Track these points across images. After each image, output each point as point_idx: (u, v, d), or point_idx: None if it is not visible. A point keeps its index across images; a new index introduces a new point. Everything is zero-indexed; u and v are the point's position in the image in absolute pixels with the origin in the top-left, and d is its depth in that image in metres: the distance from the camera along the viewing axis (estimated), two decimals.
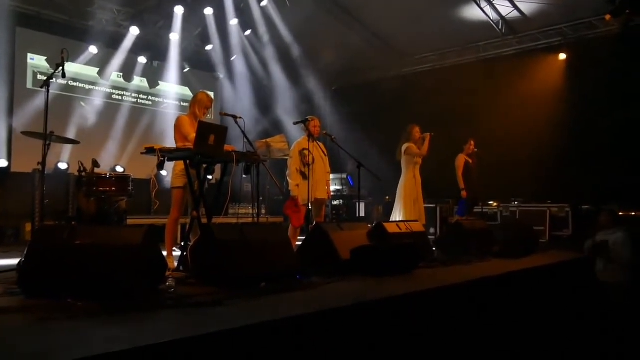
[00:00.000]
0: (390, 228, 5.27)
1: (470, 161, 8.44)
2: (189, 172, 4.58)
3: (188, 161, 4.47)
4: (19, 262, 3.30)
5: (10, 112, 8.51)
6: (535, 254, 6.11)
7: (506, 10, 10.02)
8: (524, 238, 6.31)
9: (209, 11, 9.31)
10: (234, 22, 9.62)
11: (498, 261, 5.46)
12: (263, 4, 9.45)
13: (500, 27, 10.43)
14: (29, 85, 8.91)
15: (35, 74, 8.97)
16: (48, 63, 8.92)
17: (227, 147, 4.64)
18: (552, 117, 9.52)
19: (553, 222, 9.14)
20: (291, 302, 3.16)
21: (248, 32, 10.10)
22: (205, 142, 4.33)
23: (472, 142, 8.50)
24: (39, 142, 4.58)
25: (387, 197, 10.25)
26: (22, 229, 7.94)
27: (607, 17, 8.70)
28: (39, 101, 8.04)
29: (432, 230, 9.22)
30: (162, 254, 3.52)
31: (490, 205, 9.85)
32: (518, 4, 9.80)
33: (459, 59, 11.49)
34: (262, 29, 10.06)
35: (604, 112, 8.94)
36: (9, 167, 8.43)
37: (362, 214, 10.51)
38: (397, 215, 7.05)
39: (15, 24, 8.53)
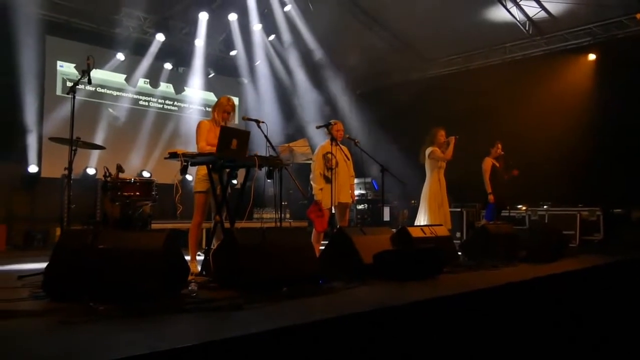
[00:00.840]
0: (414, 232, 5.23)
1: (498, 164, 8.31)
2: (211, 177, 4.60)
3: (210, 166, 4.50)
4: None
5: (41, 118, 8.70)
6: (564, 258, 5.98)
7: (533, 10, 9.86)
8: (552, 242, 6.18)
9: (233, 17, 9.39)
10: (257, 27, 9.68)
11: (525, 266, 5.36)
12: (286, 9, 9.49)
13: (527, 28, 10.27)
14: (59, 92, 9.09)
15: (64, 81, 9.16)
16: (77, 70, 9.09)
17: None
18: (581, 119, 9.32)
19: (583, 226, 8.93)
20: (312, 307, 3.14)
21: (272, 37, 10.15)
22: (228, 147, 4.35)
23: (500, 145, 8.37)
24: (67, 148, 4.66)
25: (413, 201, 10.16)
26: (52, 233, 8.10)
27: (638, 15, 8.50)
28: (68, 107, 8.15)
29: (458, 234, 9.10)
30: (184, 258, 3.54)
31: (519, 209, 9.68)
32: (545, 4, 9.64)
33: (484, 60, 11.34)
34: (285, 34, 10.10)
35: (636, 113, 8.72)
36: (39, 172, 8.61)
37: (387, 218, 10.45)
38: (421, 219, 6.97)
39: (45, 32, 8.71)
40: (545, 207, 9.50)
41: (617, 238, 8.55)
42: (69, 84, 8.81)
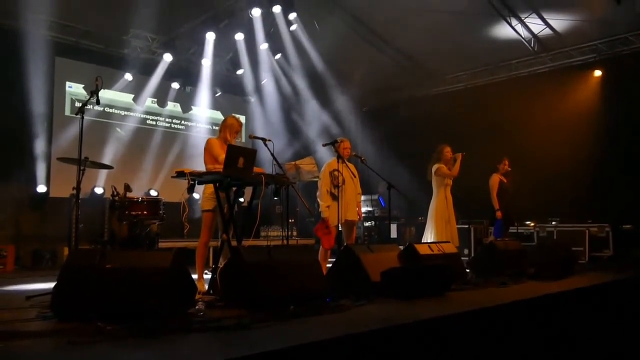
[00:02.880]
0: (422, 249, 5.19)
1: (505, 181, 8.28)
2: (218, 195, 4.62)
3: (217, 184, 4.51)
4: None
5: (50, 138, 8.77)
6: (573, 275, 5.92)
7: (538, 28, 9.91)
8: (561, 259, 6.11)
9: (239, 36, 9.47)
10: (264, 46, 9.76)
11: (533, 283, 5.30)
12: (292, 28, 9.57)
13: (532, 45, 10.31)
14: (67, 112, 9.18)
15: (73, 102, 9.25)
16: (85, 90, 9.19)
17: (255, 169, 4.67)
18: (588, 134, 9.32)
19: (592, 243, 8.87)
20: (320, 326, 3.12)
21: (278, 56, 10.23)
22: (235, 165, 4.38)
23: (507, 162, 8.34)
24: (75, 168, 4.69)
25: (420, 218, 10.12)
26: (60, 252, 8.12)
27: None
28: (76, 128, 8.21)
29: (465, 251, 9.05)
30: (191, 277, 3.53)
31: (527, 225, 9.63)
32: (550, 21, 9.68)
33: (490, 77, 11.39)
34: (291, 52, 10.18)
35: None
36: (47, 192, 8.66)
37: (394, 235, 10.40)
38: (428, 236, 6.95)
39: (54, 53, 8.83)
40: (553, 223, 9.44)
41: (626, 254, 8.48)
42: (78, 105, 8.94)
